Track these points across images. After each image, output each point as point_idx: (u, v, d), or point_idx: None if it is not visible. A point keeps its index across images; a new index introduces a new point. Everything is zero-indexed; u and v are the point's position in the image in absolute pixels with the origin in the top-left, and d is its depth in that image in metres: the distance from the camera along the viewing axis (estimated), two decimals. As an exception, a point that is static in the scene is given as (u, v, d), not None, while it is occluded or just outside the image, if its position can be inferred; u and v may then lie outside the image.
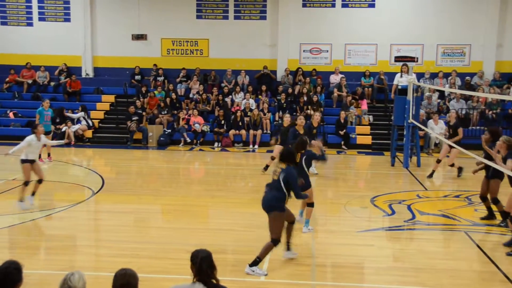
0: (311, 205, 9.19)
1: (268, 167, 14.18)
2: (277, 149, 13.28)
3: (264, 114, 20.31)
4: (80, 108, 20.92)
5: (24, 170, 10.66)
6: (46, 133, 15.93)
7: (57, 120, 19.76)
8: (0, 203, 11.42)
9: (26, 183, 10.66)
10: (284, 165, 7.47)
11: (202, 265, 4.42)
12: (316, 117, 13.59)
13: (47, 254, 8.56)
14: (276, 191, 7.40)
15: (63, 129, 19.93)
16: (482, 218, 10.19)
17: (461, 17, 21.97)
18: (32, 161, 10.72)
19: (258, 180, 14.68)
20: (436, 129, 18.20)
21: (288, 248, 7.90)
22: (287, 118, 13.87)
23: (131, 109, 20.53)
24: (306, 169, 8.80)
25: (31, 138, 10.72)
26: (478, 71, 21.68)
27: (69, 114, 20.60)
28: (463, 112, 20.19)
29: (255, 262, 7.31)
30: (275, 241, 7.34)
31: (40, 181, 10.87)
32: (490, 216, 10.11)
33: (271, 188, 7.53)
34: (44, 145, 13.81)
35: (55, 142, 11.43)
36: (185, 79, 22.71)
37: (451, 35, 22.14)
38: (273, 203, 7.37)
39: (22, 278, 4.21)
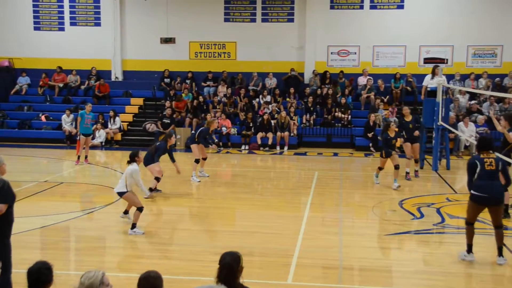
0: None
1: None
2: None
3: (291, 117, 20.27)
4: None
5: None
6: (87, 136, 16.53)
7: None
8: (32, 204, 11.63)
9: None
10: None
11: (222, 271, 4.44)
12: None
13: (76, 255, 8.71)
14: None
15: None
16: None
17: (492, 17, 21.56)
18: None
19: (285, 183, 14.70)
20: (467, 131, 17.92)
21: None
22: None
23: (168, 111, 20.70)
24: None
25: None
26: (510, 71, 21.25)
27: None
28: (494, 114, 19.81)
29: None
30: None
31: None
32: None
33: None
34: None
35: None
36: (212, 82, 22.83)
37: (481, 36, 21.71)
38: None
39: (53, 278, 4.37)
